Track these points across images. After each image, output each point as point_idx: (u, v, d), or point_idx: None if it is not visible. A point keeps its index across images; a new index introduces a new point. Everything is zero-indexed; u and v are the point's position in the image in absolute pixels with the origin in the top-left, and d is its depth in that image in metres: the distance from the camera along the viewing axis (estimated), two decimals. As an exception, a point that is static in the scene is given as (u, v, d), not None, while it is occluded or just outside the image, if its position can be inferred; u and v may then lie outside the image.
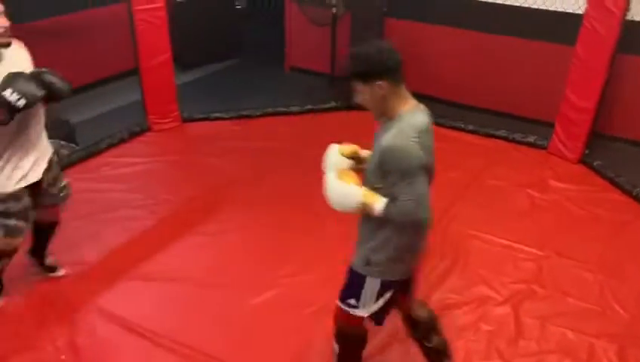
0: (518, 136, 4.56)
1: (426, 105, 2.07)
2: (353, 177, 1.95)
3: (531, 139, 4.52)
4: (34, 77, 2.26)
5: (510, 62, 4.78)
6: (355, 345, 2.27)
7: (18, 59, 2.36)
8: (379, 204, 1.86)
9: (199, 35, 5.82)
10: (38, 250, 2.90)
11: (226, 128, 4.74)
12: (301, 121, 4.93)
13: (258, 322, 2.77)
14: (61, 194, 2.69)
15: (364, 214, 1.94)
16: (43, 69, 2.34)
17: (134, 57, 4.36)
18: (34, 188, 2.52)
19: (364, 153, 2.09)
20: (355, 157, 2.08)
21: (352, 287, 2.07)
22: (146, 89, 4.49)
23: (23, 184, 2.44)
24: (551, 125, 4.39)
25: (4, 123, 2.23)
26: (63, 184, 2.71)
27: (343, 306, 2.10)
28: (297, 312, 2.82)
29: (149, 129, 4.60)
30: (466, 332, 2.73)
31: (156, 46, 4.33)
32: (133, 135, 4.49)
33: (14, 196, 2.43)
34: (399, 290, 2.09)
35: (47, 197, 2.62)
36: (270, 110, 5.00)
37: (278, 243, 3.33)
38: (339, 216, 3.42)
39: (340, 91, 5.30)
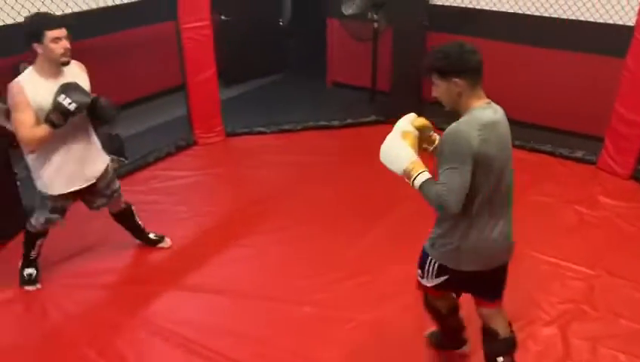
0: (565, 151, 4.45)
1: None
2: (413, 143, 2.03)
3: (579, 154, 4.40)
4: (83, 89, 2.60)
5: (557, 75, 4.68)
6: (439, 313, 2.42)
7: (75, 75, 2.68)
8: (420, 176, 1.96)
9: (243, 52, 5.94)
10: (136, 233, 3.32)
11: (268, 142, 4.81)
12: (342, 135, 4.95)
13: (305, 334, 2.77)
14: (114, 196, 3.07)
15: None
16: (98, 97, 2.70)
17: (181, 73, 4.49)
18: (87, 189, 2.89)
19: (435, 136, 2.18)
20: (423, 131, 2.14)
21: (420, 261, 2.24)
22: (192, 104, 4.62)
23: (72, 189, 2.81)
24: (600, 140, 4.26)
25: (59, 126, 2.55)
26: (114, 188, 3.06)
27: (418, 277, 2.29)
28: (340, 325, 2.81)
29: (194, 143, 4.71)
30: (512, 352, 2.65)
31: (202, 62, 4.45)
32: (180, 149, 4.61)
33: (64, 197, 2.82)
34: (462, 283, 2.20)
35: (101, 198, 3.00)
36: (311, 124, 5.05)
37: (321, 254, 3.33)
38: (381, 230, 3.40)
39: (381, 105, 5.31)
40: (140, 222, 3.32)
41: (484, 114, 1.97)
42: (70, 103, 2.50)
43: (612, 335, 2.74)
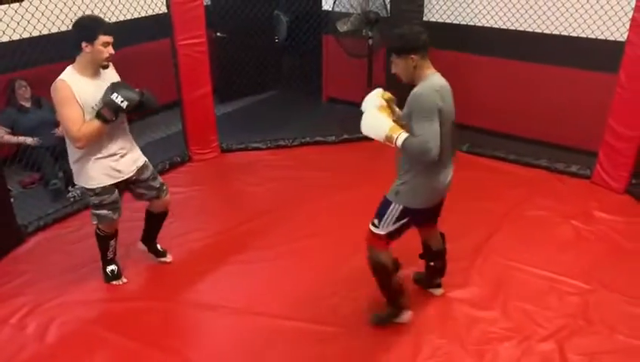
0: (560, 166, 4.46)
1: (466, 134, 2.13)
2: (387, 112, 2.48)
3: (574, 168, 4.41)
4: (131, 87, 2.74)
5: (551, 90, 4.72)
6: (385, 270, 2.69)
7: (111, 76, 2.83)
8: (401, 136, 2.37)
9: (239, 68, 5.97)
10: (148, 237, 3.37)
11: (263, 158, 4.82)
12: (338, 150, 4.96)
13: (298, 350, 2.76)
14: (163, 188, 3.16)
15: (396, 153, 2.49)
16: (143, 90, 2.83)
17: (177, 90, 4.50)
18: (130, 184, 3.02)
19: (397, 110, 2.60)
20: (389, 104, 2.57)
21: (380, 210, 2.61)
22: (187, 120, 4.63)
23: (113, 181, 2.89)
24: (594, 154, 4.28)
25: (110, 121, 2.69)
26: (162, 181, 3.17)
27: (370, 227, 2.64)
28: (334, 342, 2.79)
29: (189, 159, 4.71)
30: (509, 368, 2.64)
31: (198, 79, 4.47)
32: (175, 165, 4.61)
33: (107, 190, 2.89)
34: (418, 220, 2.65)
35: (149, 190, 3.09)
36: (307, 139, 5.06)
37: (315, 270, 3.32)
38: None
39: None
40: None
41: (437, 79, 2.45)
42: (122, 101, 2.65)
43: (609, 350, 2.73)
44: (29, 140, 4.28)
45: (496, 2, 4.72)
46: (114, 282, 3.20)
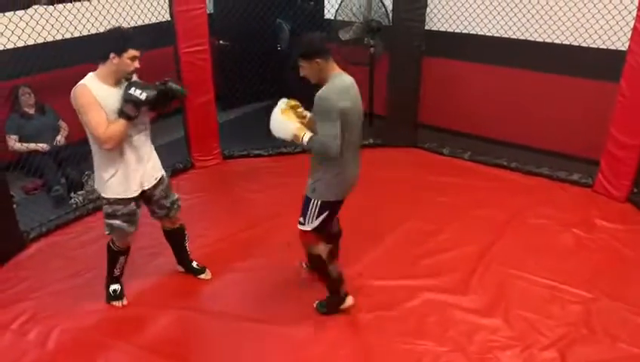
0: (561, 174, 4.47)
1: (468, 142, 2.12)
2: (292, 116, 2.71)
3: (575, 177, 4.42)
4: (148, 84, 2.74)
5: (552, 99, 4.72)
6: (322, 260, 2.87)
7: None
8: (306, 136, 2.61)
9: (241, 76, 5.99)
10: (180, 257, 3.34)
11: (265, 165, 4.83)
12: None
13: (299, 357, 2.75)
14: (173, 207, 3.12)
15: (310, 153, 2.71)
16: (166, 79, 2.85)
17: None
18: (144, 198, 2.97)
19: (305, 112, 2.81)
20: (295, 110, 2.79)
21: (303, 208, 2.81)
22: (190, 127, 4.65)
23: (130, 194, 2.85)
24: (595, 163, 4.28)
25: (134, 117, 2.68)
26: (173, 198, 3.12)
27: (298, 226, 2.85)
28: (335, 349, 2.79)
29: (191, 166, 4.72)
30: (511, 376, 2.63)
31: (200, 86, 4.50)
32: (177, 172, 4.62)
33: (122, 201, 2.84)
34: (335, 211, 2.85)
35: (160, 209, 3.06)
36: (309, 148, 5.06)
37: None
38: (378, 252, 3.41)
39: (378, 129, 5.35)
40: (187, 247, 3.33)
41: (340, 80, 2.65)
42: (141, 93, 2.65)
43: (611, 359, 2.72)
44: (39, 147, 4.31)
45: (497, 11, 4.75)
46: (114, 303, 3.11)
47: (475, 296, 3.16)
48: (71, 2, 3.84)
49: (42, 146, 4.32)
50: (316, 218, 2.78)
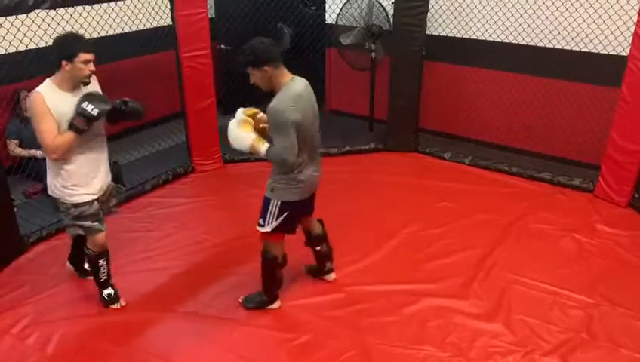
0: (562, 179, 4.46)
1: (469, 147, 2.10)
2: (249, 127, 2.74)
3: (576, 182, 4.41)
4: (104, 98, 2.75)
5: (553, 104, 4.73)
6: (275, 262, 2.95)
7: (90, 88, 2.78)
8: (263, 147, 2.67)
9: (242, 80, 5.97)
10: (80, 257, 3.25)
11: (265, 169, 4.73)
12: (340, 162, 4.96)
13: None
14: (113, 209, 3.16)
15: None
16: (125, 99, 2.82)
17: (181, 101, 4.52)
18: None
19: (264, 117, 2.79)
20: (254, 117, 2.84)
21: (262, 210, 2.84)
22: (191, 132, 4.65)
23: (95, 196, 2.89)
24: (596, 168, 4.28)
25: (83, 131, 2.66)
26: (115, 201, 3.17)
27: (258, 228, 2.87)
28: (336, 354, 2.78)
29: (192, 170, 4.72)
30: (512, 382, 2.62)
31: (202, 91, 4.50)
32: (178, 176, 4.62)
33: (88, 202, 2.87)
34: (296, 211, 2.83)
35: (105, 209, 3.04)
36: (310, 152, 5.06)
37: (317, 282, 3.30)
38: (378, 257, 3.40)
39: (379, 133, 5.35)
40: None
41: (292, 87, 2.63)
42: (93, 109, 2.62)
43: (613, 365, 2.71)
44: (39, 153, 4.31)
45: (498, 16, 4.75)
46: (113, 306, 3.11)
47: (477, 300, 3.15)
48: (73, 7, 3.83)
49: (39, 153, 4.31)
50: (276, 219, 2.80)
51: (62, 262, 3.48)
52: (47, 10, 3.47)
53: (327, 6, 5.74)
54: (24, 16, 3.42)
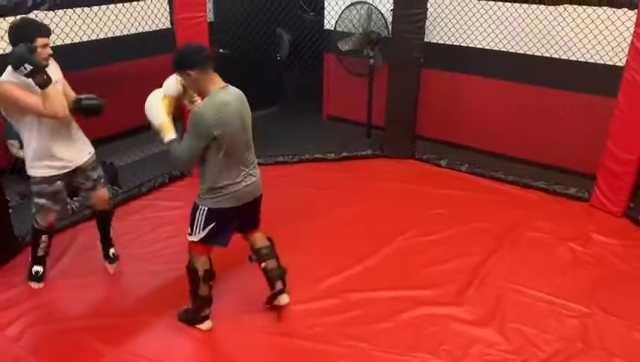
0: (558, 188, 4.48)
1: (466, 155, 2.10)
2: (168, 109, 2.66)
3: (572, 191, 4.42)
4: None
5: (549, 113, 4.75)
6: (197, 275, 2.82)
7: (53, 72, 2.82)
8: (168, 136, 2.64)
9: (241, 85, 5.98)
10: (103, 239, 3.40)
11: (262, 174, 4.76)
12: (337, 168, 4.97)
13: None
14: (100, 181, 3.20)
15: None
16: (82, 96, 2.94)
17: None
18: (71, 177, 3.05)
19: (197, 98, 2.80)
20: (183, 95, 2.77)
21: (190, 220, 2.75)
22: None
23: (54, 172, 2.95)
24: (592, 177, 4.30)
25: (47, 81, 2.65)
26: (100, 173, 3.22)
27: (188, 238, 2.79)
28: (335, 358, 2.77)
29: (188, 173, 4.71)
30: (507, 390, 2.61)
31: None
32: (174, 179, 4.61)
33: (47, 180, 2.94)
34: (224, 222, 2.73)
35: (87, 180, 3.13)
36: (307, 157, 5.07)
37: (314, 286, 3.29)
38: (375, 262, 3.39)
39: (376, 139, 5.36)
40: (112, 234, 3.41)
41: (218, 96, 2.58)
42: (28, 65, 2.58)
43: (608, 374, 2.71)
44: None
45: (496, 25, 4.78)
46: (33, 284, 3.22)
47: (472, 308, 3.15)
48: (71, 8, 3.83)
49: None
50: (203, 228, 2.70)
51: (54, 264, 3.46)
52: (45, 12, 3.46)
53: (325, 12, 5.76)
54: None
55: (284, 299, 3.03)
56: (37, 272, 3.21)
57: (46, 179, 2.94)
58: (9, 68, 2.73)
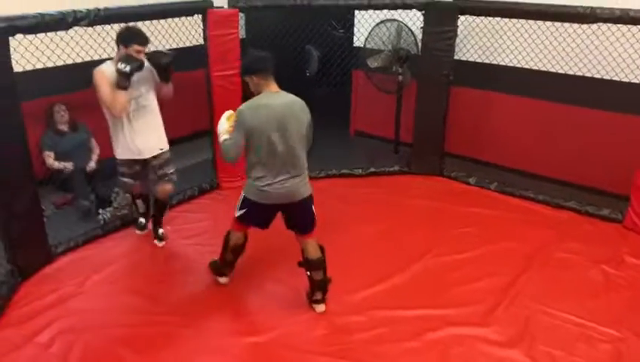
0: (590, 209, 4.38)
1: (495, 173, 2.08)
2: (232, 121, 3.02)
3: (605, 212, 4.33)
4: (136, 59, 3.35)
5: (580, 131, 4.68)
6: (227, 245, 3.29)
7: (144, 73, 3.46)
8: (223, 136, 3.01)
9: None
10: (155, 220, 3.96)
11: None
12: (365, 184, 4.97)
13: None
14: (164, 178, 3.74)
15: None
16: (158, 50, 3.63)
17: (209, 119, 4.59)
18: (144, 164, 3.67)
19: None
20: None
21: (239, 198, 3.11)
22: (218, 149, 4.69)
23: (131, 157, 3.59)
24: (626, 198, 4.20)
25: (124, 87, 3.31)
26: (169, 171, 3.75)
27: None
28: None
29: (218, 187, 4.77)
30: (536, 415, 2.56)
31: (230, 109, 4.55)
32: (203, 191, 4.68)
33: (126, 163, 3.62)
34: (256, 212, 3.06)
35: (154, 174, 3.70)
36: (334, 172, 5.09)
37: (339, 304, 3.28)
38: (401, 279, 3.36)
39: (404, 156, 5.35)
40: (163, 218, 3.96)
41: (264, 98, 2.93)
42: (125, 67, 3.26)
43: (641, 402, 2.63)
44: (68, 166, 4.44)
45: (527, 43, 4.75)
46: (138, 231, 4.02)
47: (500, 329, 3.09)
48: (109, 24, 3.95)
49: (67, 166, 4.44)
50: (240, 209, 3.10)
51: (88, 273, 3.53)
52: (85, 28, 3.58)
53: (355, 29, 5.81)
54: (63, 32, 3.54)
55: (320, 308, 3.21)
56: (140, 222, 4.01)
57: (125, 161, 3.59)
58: (109, 61, 3.42)
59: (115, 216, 4.14)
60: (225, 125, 3.06)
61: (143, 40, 3.38)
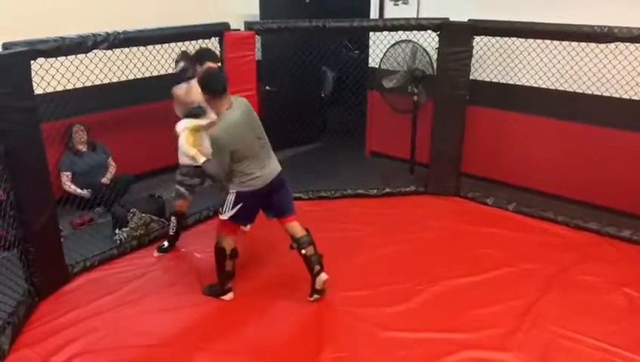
0: (611, 230, 4.30)
1: (513, 193, 2.06)
2: (192, 142, 3.46)
3: (626, 233, 4.24)
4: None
5: (601, 152, 4.61)
6: (224, 253, 3.36)
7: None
8: (201, 160, 3.36)
9: (285, 120, 6.12)
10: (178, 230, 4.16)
11: (305, 209, 4.78)
12: (380, 204, 4.94)
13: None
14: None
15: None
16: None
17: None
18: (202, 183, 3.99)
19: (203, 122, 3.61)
20: (199, 129, 3.57)
21: (222, 203, 3.29)
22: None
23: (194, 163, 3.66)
24: (648, 219, 4.12)
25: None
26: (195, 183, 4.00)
27: (219, 216, 3.34)
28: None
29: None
30: None
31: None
32: (219, 212, 4.67)
33: (189, 173, 3.85)
34: (251, 202, 3.27)
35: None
36: (349, 192, 5.08)
37: (355, 326, 3.25)
38: (415, 304, 3.32)
39: (420, 176, 5.32)
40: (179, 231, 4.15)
41: (228, 118, 3.12)
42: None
43: None
44: (84, 193, 4.51)
45: (544, 63, 4.72)
46: (157, 253, 4.05)
47: (520, 354, 3.02)
48: (128, 48, 4.02)
49: (86, 193, 4.51)
50: (232, 208, 3.22)
51: (103, 293, 3.54)
52: (104, 51, 3.65)
53: (370, 50, 5.84)
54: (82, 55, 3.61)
55: (323, 277, 3.39)
56: (162, 245, 4.09)
57: (189, 172, 3.83)
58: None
59: (131, 237, 4.16)
60: (190, 139, 3.39)
61: (215, 57, 3.88)
